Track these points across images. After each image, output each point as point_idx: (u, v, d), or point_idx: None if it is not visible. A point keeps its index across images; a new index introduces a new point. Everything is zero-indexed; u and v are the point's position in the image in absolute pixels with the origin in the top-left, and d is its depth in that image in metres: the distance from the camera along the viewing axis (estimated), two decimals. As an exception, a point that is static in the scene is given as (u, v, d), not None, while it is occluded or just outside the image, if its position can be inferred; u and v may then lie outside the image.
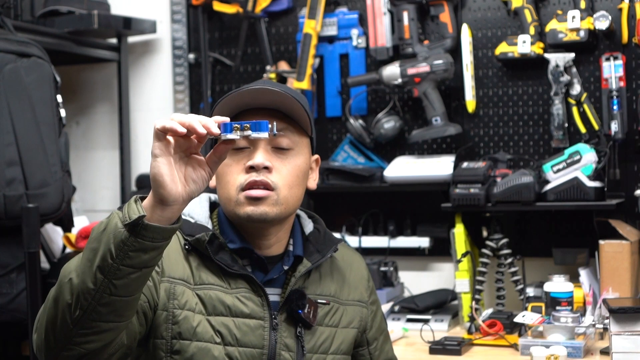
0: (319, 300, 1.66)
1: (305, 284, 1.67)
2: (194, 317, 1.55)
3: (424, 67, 2.78)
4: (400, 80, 2.80)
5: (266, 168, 1.59)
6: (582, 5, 2.66)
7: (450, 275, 2.77)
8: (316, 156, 1.73)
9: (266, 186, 1.59)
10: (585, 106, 2.70)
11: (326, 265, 1.73)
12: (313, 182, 1.72)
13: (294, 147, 1.63)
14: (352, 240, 2.90)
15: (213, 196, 1.74)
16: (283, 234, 1.67)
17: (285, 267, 1.66)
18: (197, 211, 1.67)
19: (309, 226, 1.74)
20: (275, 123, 1.42)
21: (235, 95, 1.59)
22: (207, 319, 1.56)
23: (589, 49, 2.71)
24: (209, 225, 1.65)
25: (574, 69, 2.70)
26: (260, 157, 1.59)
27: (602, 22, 2.61)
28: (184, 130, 1.31)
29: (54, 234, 2.80)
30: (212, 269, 1.60)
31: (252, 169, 1.59)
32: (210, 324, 1.56)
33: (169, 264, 1.57)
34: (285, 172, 1.61)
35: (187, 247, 1.60)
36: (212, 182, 1.67)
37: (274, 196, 1.59)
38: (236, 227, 1.65)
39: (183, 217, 1.63)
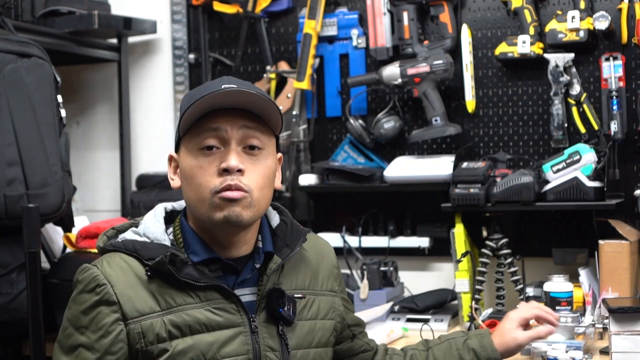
0: (295, 295, 1.65)
1: (279, 280, 1.65)
2: (169, 345, 1.52)
3: (423, 67, 2.78)
4: (400, 80, 2.81)
5: (239, 171, 1.56)
6: (582, 5, 2.66)
7: (450, 275, 2.77)
8: (280, 155, 1.70)
9: (239, 190, 1.56)
10: (585, 106, 2.70)
11: (297, 257, 1.70)
12: (278, 181, 1.69)
13: (264, 147, 1.61)
14: (352, 240, 2.90)
15: (169, 205, 1.70)
16: (251, 234, 1.64)
17: (257, 265, 1.63)
18: (152, 228, 1.62)
19: (275, 219, 1.72)
20: None
21: (207, 97, 1.55)
22: (184, 340, 1.53)
23: (589, 49, 2.71)
24: (167, 242, 1.60)
25: (574, 69, 2.71)
26: (234, 159, 1.55)
27: (601, 22, 2.62)
28: None
29: (55, 233, 2.80)
30: (179, 287, 1.55)
31: (225, 171, 1.55)
32: (189, 345, 1.53)
33: (129, 304, 1.53)
34: (257, 174, 1.58)
35: (148, 272, 1.55)
36: (177, 183, 1.64)
37: (248, 198, 1.56)
38: (201, 232, 1.61)
39: (139, 237, 1.60)
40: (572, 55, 2.69)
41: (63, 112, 2.51)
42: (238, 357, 1.56)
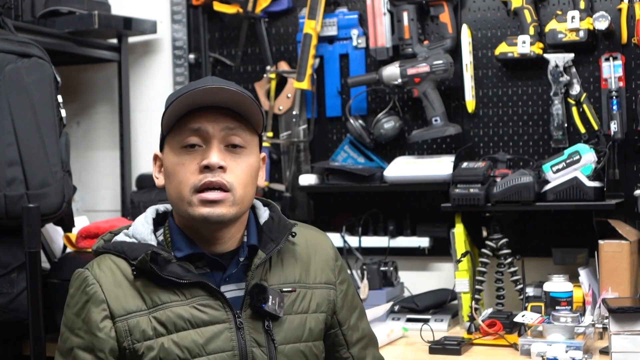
0: (284, 289, 1.65)
1: (266, 276, 1.65)
2: (155, 343, 1.54)
3: (423, 67, 2.78)
4: (400, 80, 2.81)
5: (221, 168, 1.57)
6: (582, 5, 2.66)
7: (450, 275, 2.77)
8: (263, 154, 1.71)
9: (222, 187, 1.57)
10: (585, 106, 2.70)
11: (288, 252, 1.70)
12: (261, 180, 1.70)
13: (247, 145, 1.62)
14: (352, 240, 2.90)
15: (162, 207, 1.71)
16: (237, 230, 1.65)
17: (241, 259, 1.64)
18: (140, 229, 1.64)
19: (264, 215, 1.71)
20: None
21: (189, 94, 1.56)
22: (170, 338, 1.55)
23: (589, 49, 2.71)
24: (153, 241, 1.62)
25: (574, 69, 2.71)
26: (215, 156, 1.56)
27: (601, 22, 2.62)
28: None
29: (55, 233, 2.80)
30: (164, 285, 1.57)
31: (206, 168, 1.57)
32: (174, 343, 1.55)
33: (116, 302, 1.56)
34: (239, 172, 1.59)
35: (134, 272, 1.58)
36: (161, 181, 1.65)
37: (230, 197, 1.57)
38: (186, 229, 1.63)
39: (128, 239, 1.63)
40: (572, 55, 2.69)
41: (63, 112, 2.52)
42: (224, 353, 1.57)
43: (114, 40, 3.21)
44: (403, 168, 2.81)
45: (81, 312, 1.57)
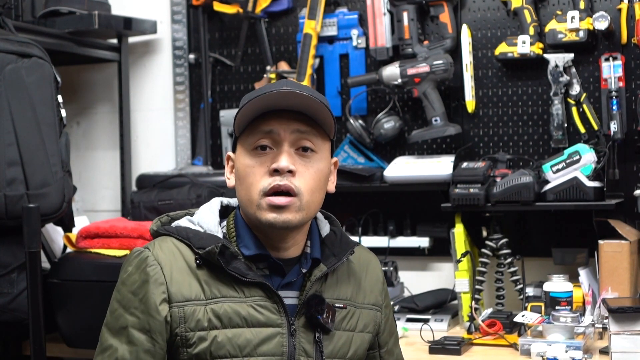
0: (336, 305, 1.65)
1: (322, 289, 1.65)
2: (207, 335, 1.54)
3: (423, 68, 2.78)
4: (400, 80, 2.81)
5: (290, 172, 1.57)
6: (582, 5, 2.66)
7: (450, 275, 2.78)
8: (335, 159, 1.71)
9: (289, 191, 1.56)
10: (585, 106, 2.70)
11: (343, 269, 1.71)
12: (332, 185, 1.70)
13: (317, 150, 1.62)
14: (352, 240, 2.90)
15: (225, 200, 1.71)
16: (301, 237, 1.65)
17: (304, 270, 1.64)
18: (207, 219, 1.64)
19: (325, 228, 1.72)
20: None
21: (262, 97, 1.57)
22: (224, 332, 1.55)
23: (588, 50, 2.71)
24: (219, 234, 1.62)
25: (574, 69, 2.71)
26: (284, 160, 1.56)
27: (601, 22, 2.62)
28: None
29: (55, 233, 2.80)
30: (225, 280, 1.58)
31: (276, 172, 1.57)
32: (228, 338, 1.55)
33: (176, 287, 1.55)
34: (308, 177, 1.59)
35: (197, 261, 1.58)
36: (232, 182, 1.65)
37: (296, 202, 1.57)
38: (254, 229, 1.63)
39: (192, 226, 1.63)
40: (571, 55, 2.69)
41: (63, 112, 2.52)
42: (274, 357, 1.57)
43: (114, 40, 3.21)
44: (403, 168, 2.81)
45: (139, 292, 1.55)
